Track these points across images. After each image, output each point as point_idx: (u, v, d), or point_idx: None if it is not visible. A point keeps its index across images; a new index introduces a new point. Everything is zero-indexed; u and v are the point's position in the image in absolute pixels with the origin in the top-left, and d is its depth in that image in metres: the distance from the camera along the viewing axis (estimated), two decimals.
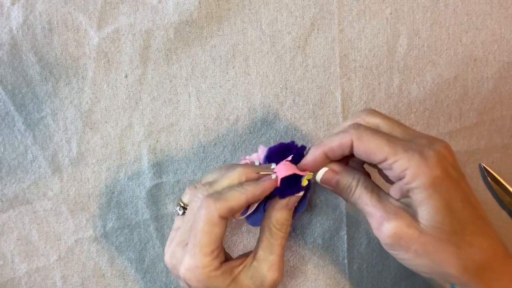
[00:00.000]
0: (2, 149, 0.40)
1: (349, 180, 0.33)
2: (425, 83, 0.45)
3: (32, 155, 0.41)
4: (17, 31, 0.39)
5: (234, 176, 0.35)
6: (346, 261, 0.46)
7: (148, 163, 0.42)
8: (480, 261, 0.30)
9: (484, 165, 0.47)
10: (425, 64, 0.44)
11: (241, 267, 0.34)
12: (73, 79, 0.40)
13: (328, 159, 0.34)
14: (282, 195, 0.36)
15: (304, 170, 0.35)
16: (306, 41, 0.42)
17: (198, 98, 0.42)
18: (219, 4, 0.41)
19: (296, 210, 0.37)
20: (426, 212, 0.30)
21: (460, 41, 0.44)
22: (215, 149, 0.43)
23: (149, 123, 0.42)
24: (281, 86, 0.43)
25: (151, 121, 0.42)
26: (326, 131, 0.44)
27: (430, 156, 0.30)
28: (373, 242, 0.47)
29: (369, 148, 0.31)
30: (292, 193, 0.36)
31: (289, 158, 0.36)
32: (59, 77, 0.40)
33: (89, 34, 0.40)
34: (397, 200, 0.32)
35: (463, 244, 0.30)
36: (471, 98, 0.46)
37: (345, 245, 0.46)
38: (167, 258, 0.35)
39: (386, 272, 0.47)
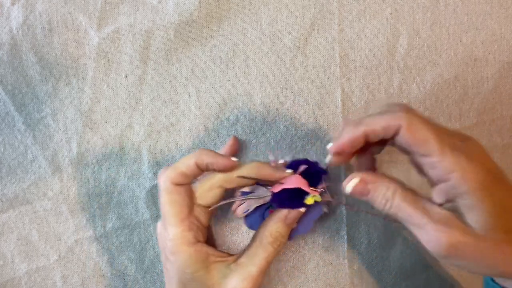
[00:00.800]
0: (2, 149, 0.40)
1: (383, 190, 0.31)
2: (425, 83, 0.45)
3: (32, 155, 0.41)
4: (17, 31, 0.39)
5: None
6: (346, 261, 0.46)
7: (148, 163, 0.42)
8: None
9: None
10: (425, 64, 0.44)
11: (218, 259, 0.33)
12: (73, 79, 0.40)
13: (363, 142, 0.31)
14: (280, 205, 0.35)
15: (338, 153, 0.32)
16: (306, 41, 0.42)
17: (198, 98, 0.42)
18: (219, 4, 0.41)
19: (297, 230, 0.36)
20: (478, 217, 0.28)
21: (460, 41, 0.44)
22: (215, 149, 0.43)
23: (149, 123, 0.42)
24: (281, 86, 0.43)
25: (151, 121, 0.42)
26: (326, 131, 0.44)
27: (475, 158, 0.28)
28: (373, 242, 0.47)
29: (418, 139, 0.29)
30: (291, 206, 0.35)
31: (301, 169, 0.35)
32: (59, 77, 0.40)
33: (89, 34, 0.40)
34: (441, 205, 0.30)
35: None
36: (471, 98, 0.46)
37: (345, 245, 0.46)
38: (158, 238, 0.36)
39: (386, 272, 0.47)
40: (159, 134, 0.42)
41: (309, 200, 0.35)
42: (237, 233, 0.44)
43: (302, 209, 0.35)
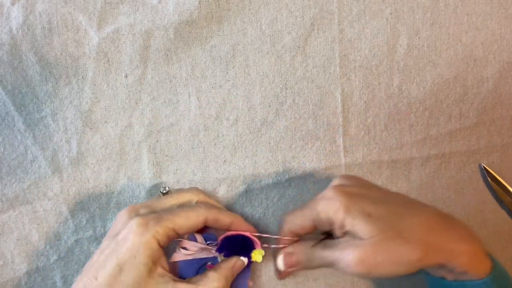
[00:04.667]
0: (2, 149, 0.40)
1: (303, 251, 0.37)
2: (425, 83, 0.45)
3: (32, 155, 0.41)
4: (17, 31, 0.39)
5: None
6: None
7: (148, 163, 0.42)
8: (426, 235, 0.34)
9: (484, 165, 0.47)
10: (425, 64, 0.44)
11: (164, 271, 0.35)
12: (73, 79, 0.40)
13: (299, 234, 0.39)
14: (229, 250, 0.39)
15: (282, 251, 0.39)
16: (306, 41, 0.42)
17: (198, 98, 0.42)
18: (219, 4, 0.41)
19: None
20: (361, 230, 0.33)
21: (460, 41, 0.44)
22: (215, 149, 0.43)
23: (149, 123, 0.42)
24: (281, 86, 0.43)
25: (151, 121, 0.42)
26: (326, 131, 0.44)
27: (330, 193, 0.35)
28: None
29: (298, 224, 0.37)
30: (239, 252, 0.39)
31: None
32: (59, 77, 0.40)
33: (89, 34, 0.40)
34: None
35: (402, 230, 0.33)
36: (471, 98, 0.46)
37: None
38: (117, 221, 0.37)
39: None
40: (159, 134, 0.42)
41: (256, 256, 0.39)
42: None
43: (246, 260, 0.39)
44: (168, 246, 0.36)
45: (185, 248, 0.39)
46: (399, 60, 0.44)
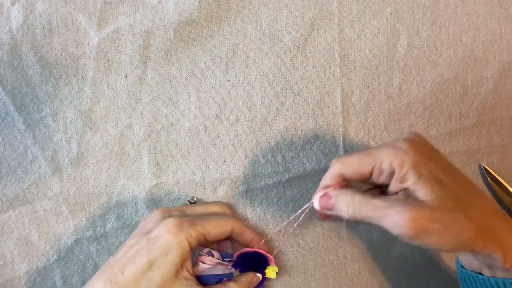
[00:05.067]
0: (2, 149, 0.40)
1: (343, 197, 0.34)
2: (425, 83, 0.45)
3: (32, 155, 0.41)
4: (17, 31, 0.39)
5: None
6: (346, 261, 0.46)
7: (148, 163, 0.42)
8: (486, 219, 0.32)
9: (484, 165, 0.47)
10: (425, 64, 0.44)
11: (190, 275, 0.36)
12: (73, 79, 0.40)
13: (344, 181, 0.36)
14: (245, 266, 0.40)
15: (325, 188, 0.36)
16: (306, 41, 0.42)
17: (198, 98, 0.42)
18: (219, 4, 0.41)
19: None
20: (424, 190, 0.32)
21: (460, 41, 0.44)
22: (215, 149, 0.43)
23: (149, 123, 0.42)
24: (281, 86, 0.43)
25: (151, 121, 0.42)
26: (326, 131, 0.44)
27: (402, 145, 0.33)
28: (373, 242, 0.47)
29: (355, 166, 0.34)
30: (254, 268, 0.40)
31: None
32: (59, 77, 0.40)
33: (89, 34, 0.40)
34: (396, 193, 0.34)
35: (467, 207, 0.32)
36: (471, 98, 0.46)
37: (345, 245, 0.46)
38: (147, 220, 0.38)
39: (386, 272, 0.48)
40: (159, 134, 0.42)
41: (270, 273, 0.40)
42: None
43: (260, 276, 0.40)
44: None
45: (203, 262, 0.39)
46: (399, 60, 0.44)
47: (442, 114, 0.45)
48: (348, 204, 0.34)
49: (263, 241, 0.41)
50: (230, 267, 0.40)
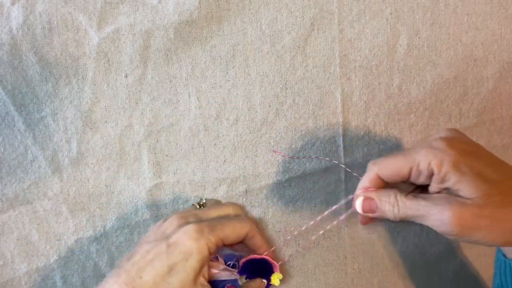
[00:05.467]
0: (2, 149, 0.40)
1: (387, 198, 0.34)
2: (425, 83, 0.45)
3: (32, 155, 0.41)
4: (17, 31, 0.39)
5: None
6: (346, 261, 0.47)
7: (148, 163, 0.42)
8: None
9: None
10: (425, 64, 0.44)
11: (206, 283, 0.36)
12: (73, 79, 0.40)
13: (382, 182, 0.36)
14: (251, 273, 0.40)
15: (365, 191, 0.36)
16: (306, 41, 0.42)
17: (198, 98, 0.42)
18: (219, 4, 0.41)
19: None
20: (467, 188, 0.31)
21: (460, 41, 0.44)
22: (215, 149, 0.43)
23: (149, 123, 0.42)
24: (281, 86, 0.43)
25: (151, 121, 0.42)
26: (326, 131, 0.44)
27: (440, 144, 0.32)
28: (373, 242, 0.47)
29: (392, 168, 0.34)
30: (260, 274, 0.40)
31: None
32: (59, 77, 0.40)
33: (89, 34, 0.40)
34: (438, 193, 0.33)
35: None
36: (471, 98, 0.46)
37: (345, 245, 0.46)
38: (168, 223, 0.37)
39: (386, 272, 0.48)
40: (159, 134, 0.42)
41: (275, 280, 0.40)
42: None
43: (265, 282, 0.40)
44: None
45: (210, 267, 0.39)
46: (399, 60, 0.44)
47: (442, 114, 0.45)
48: (393, 205, 0.34)
49: (271, 249, 0.41)
50: (236, 273, 0.40)
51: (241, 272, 0.40)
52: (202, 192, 0.43)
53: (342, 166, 0.44)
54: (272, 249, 0.41)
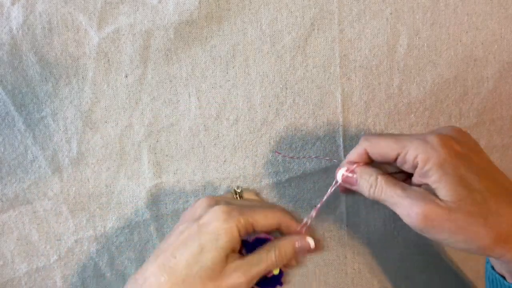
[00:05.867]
0: (2, 149, 0.40)
1: (368, 177, 0.35)
2: (425, 83, 0.45)
3: (32, 155, 0.41)
4: (17, 31, 0.39)
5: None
6: (346, 261, 0.47)
7: (148, 163, 0.42)
8: (509, 227, 0.31)
9: None
10: (425, 64, 0.44)
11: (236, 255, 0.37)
12: (73, 79, 0.40)
13: (368, 158, 0.36)
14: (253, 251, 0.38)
15: (349, 163, 0.37)
16: (306, 41, 0.42)
17: (198, 98, 0.42)
18: (219, 4, 0.41)
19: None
20: (445, 190, 0.31)
21: (460, 41, 0.44)
22: (215, 149, 0.43)
23: (149, 123, 0.42)
24: (281, 86, 0.43)
25: (151, 121, 0.42)
26: (326, 131, 0.44)
27: (433, 140, 0.32)
28: (373, 242, 0.47)
29: (381, 148, 0.35)
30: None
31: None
32: (59, 77, 0.40)
33: (89, 34, 0.40)
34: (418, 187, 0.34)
35: (490, 214, 0.31)
36: (471, 98, 0.46)
37: (345, 245, 0.46)
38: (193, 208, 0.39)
39: (386, 272, 0.48)
40: (159, 134, 0.42)
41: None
42: None
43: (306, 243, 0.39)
44: None
45: None
46: (399, 60, 0.44)
47: (442, 114, 0.45)
48: (371, 185, 0.35)
49: (304, 223, 0.40)
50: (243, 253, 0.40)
51: (247, 250, 0.39)
52: (202, 192, 0.44)
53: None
54: (305, 221, 0.40)
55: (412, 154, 0.33)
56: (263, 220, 0.37)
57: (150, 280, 0.34)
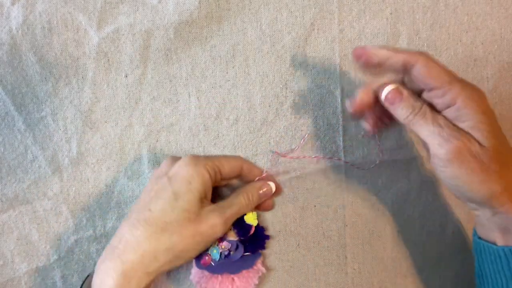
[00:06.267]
0: (2, 149, 0.40)
1: (413, 101, 0.34)
2: None
3: (32, 155, 0.41)
4: (17, 31, 0.39)
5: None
6: (346, 261, 0.47)
7: (148, 162, 0.42)
8: None
9: None
10: None
11: (209, 201, 0.38)
12: (73, 79, 0.40)
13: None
14: (238, 231, 0.41)
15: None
16: (306, 41, 0.42)
17: (198, 98, 0.42)
18: (219, 4, 0.41)
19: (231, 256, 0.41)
20: (480, 134, 0.33)
21: (460, 41, 0.44)
22: (215, 149, 0.43)
23: (149, 122, 0.42)
24: (281, 86, 0.43)
25: (151, 121, 0.42)
26: (326, 131, 0.44)
27: (480, 91, 0.34)
28: (373, 242, 0.47)
29: (432, 73, 0.34)
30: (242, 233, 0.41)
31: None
32: (59, 77, 0.40)
33: (89, 34, 0.40)
34: None
35: (507, 167, 0.33)
36: None
37: (345, 245, 0.46)
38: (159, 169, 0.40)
39: (386, 272, 0.48)
40: (159, 133, 0.42)
41: (249, 219, 0.41)
42: None
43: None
44: None
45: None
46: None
47: None
48: (414, 108, 0.34)
49: (264, 173, 0.42)
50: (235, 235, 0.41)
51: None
52: None
53: (342, 161, 0.44)
54: (264, 173, 0.42)
55: (455, 93, 0.33)
56: (228, 164, 0.39)
57: (126, 237, 0.34)
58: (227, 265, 0.41)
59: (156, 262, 0.34)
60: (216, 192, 0.42)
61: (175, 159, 0.39)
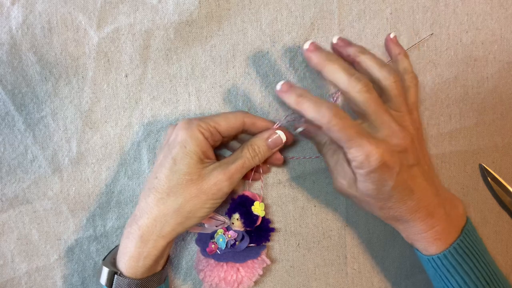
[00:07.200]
0: (2, 149, 0.40)
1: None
2: (425, 83, 0.45)
3: (32, 155, 0.41)
4: (17, 31, 0.39)
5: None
6: (346, 261, 0.47)
7: (148, 162, 0.42)
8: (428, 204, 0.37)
9: (484, 165, 0.47)
10: (425, 64, 0.44)
11: (212, 159, 0.39)
12: (73, 79, 0.40)
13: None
14: (236, 208, 0.42)
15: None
16: (306, 41, 0.42)
17: (198, 97, 0.42)
18: (219, 4, 0.41)
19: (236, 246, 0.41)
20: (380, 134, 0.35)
21: (460, 41, 0.44)
22: (215, 149, 0.43)
23: (148, 122, 0.42)
24: None
25: (151, 121, 0.42)
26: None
27: (374, 153, 0.33)
28: (373, 242, 0.47)
29: (341, 130, 0.34)
30: (241, 211, 0.42)
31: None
32: (59, 77, 0.40)
33: (89, 34, 0.40)
34: None
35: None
36: (471, 98, 0.46)
37: (345, 245, 0.46)
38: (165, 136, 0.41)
39: (386, 272, 0.48)
40: (159, 133, 0.42)
41: (257, 209, 0.41)
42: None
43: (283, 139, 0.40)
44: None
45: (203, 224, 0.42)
46: None
47: (442, 114, 0.45)
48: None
49: (276, 124, 0.41)
50: (226, 219, 0.42)
51: (229, 212, 0.42)
52: None
53: None
54: (276, 124, 0.40)
55: (352, 155, 0.34)
56: (225, 121, 0.38)
57: (141, 205, 0.37)
58: (233, 254, 0.41)
59: (168, 226, 0.37)
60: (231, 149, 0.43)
61: (173, 125, 0.40)
